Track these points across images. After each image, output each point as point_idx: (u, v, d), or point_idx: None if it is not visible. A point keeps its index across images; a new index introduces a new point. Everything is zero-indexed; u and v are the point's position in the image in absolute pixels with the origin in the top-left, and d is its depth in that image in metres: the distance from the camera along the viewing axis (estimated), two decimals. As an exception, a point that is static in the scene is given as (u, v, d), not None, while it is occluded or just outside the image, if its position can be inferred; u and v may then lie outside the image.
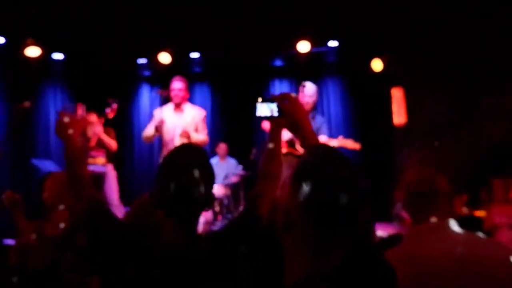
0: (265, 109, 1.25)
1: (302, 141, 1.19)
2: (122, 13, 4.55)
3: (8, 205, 2.22)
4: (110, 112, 4.19)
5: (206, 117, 4.37)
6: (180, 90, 4.08)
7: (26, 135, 4.96)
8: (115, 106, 4.20)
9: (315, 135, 1.20)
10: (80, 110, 1.36)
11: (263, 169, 1.35)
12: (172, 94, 4.08)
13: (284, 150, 4.10)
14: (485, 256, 1.14)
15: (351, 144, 3.71)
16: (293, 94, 1.23)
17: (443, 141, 4.51)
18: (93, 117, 4.24)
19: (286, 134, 4.07)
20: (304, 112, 1.20)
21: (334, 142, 3.76)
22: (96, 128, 4.14)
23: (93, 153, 4.11)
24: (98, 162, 4.15)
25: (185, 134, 3.92)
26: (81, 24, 4.80)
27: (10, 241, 2.92)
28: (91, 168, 4.03)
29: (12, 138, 4.72)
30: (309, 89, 4.04)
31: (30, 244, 1.87)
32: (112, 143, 4.28)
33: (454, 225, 1.24)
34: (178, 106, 4.12)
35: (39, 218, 1.97)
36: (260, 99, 1.26)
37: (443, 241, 1.20)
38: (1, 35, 4.94)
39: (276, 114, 1.23)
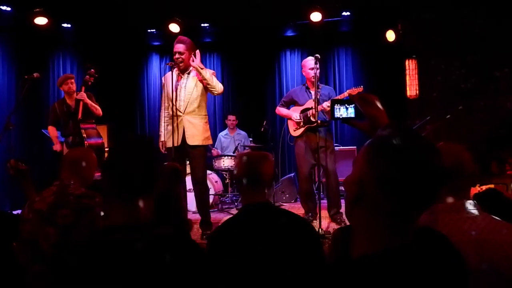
0: (342, 110, 1.22)
1: None
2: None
3: (14, 174, 2.15)
4: (89, 78, 4.15)
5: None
6: (180, 53, 3.60)
7: (36, 106, 4.95)
8: (93, 71, 4.15)
9: None
10: None
11: None
12: (174, 58, 3.62)
13: (298, 131, 4.04)
14: (501, 239, 1.09)
15: (354, 89, 3.76)
16: (374, 96, 1.16)
17: (455, 114, 4.41)
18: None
19: (295, 115, 4.03)
20: (385, 113, 1.13)
21: (342, 95, 3.85)
22: (81, 94, 4.09)
23: (84, 125, 4.05)
24: (93, 134, 4.09)
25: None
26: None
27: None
28: (89, 141, 3.99)
29: (22, 109, 4.72)
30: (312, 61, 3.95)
31: (25, 216, 1.82)
32: (97, 108, 4.24)
33: (470, 206, 1.18)
34: (183, 71, 3.66)
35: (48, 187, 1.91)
36: (336, 101, 1.24)
37: (458, 223, 1.15)
38: (7, 4, 4.87)
39: (353, 115, 1.21)
